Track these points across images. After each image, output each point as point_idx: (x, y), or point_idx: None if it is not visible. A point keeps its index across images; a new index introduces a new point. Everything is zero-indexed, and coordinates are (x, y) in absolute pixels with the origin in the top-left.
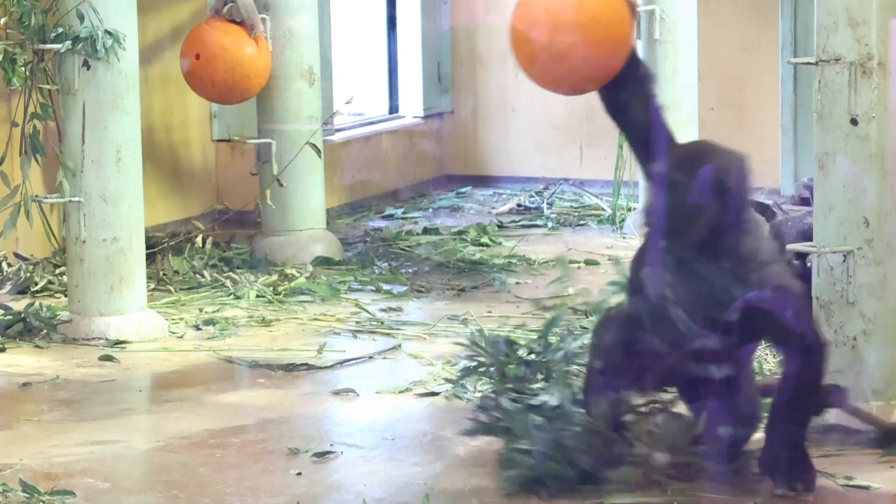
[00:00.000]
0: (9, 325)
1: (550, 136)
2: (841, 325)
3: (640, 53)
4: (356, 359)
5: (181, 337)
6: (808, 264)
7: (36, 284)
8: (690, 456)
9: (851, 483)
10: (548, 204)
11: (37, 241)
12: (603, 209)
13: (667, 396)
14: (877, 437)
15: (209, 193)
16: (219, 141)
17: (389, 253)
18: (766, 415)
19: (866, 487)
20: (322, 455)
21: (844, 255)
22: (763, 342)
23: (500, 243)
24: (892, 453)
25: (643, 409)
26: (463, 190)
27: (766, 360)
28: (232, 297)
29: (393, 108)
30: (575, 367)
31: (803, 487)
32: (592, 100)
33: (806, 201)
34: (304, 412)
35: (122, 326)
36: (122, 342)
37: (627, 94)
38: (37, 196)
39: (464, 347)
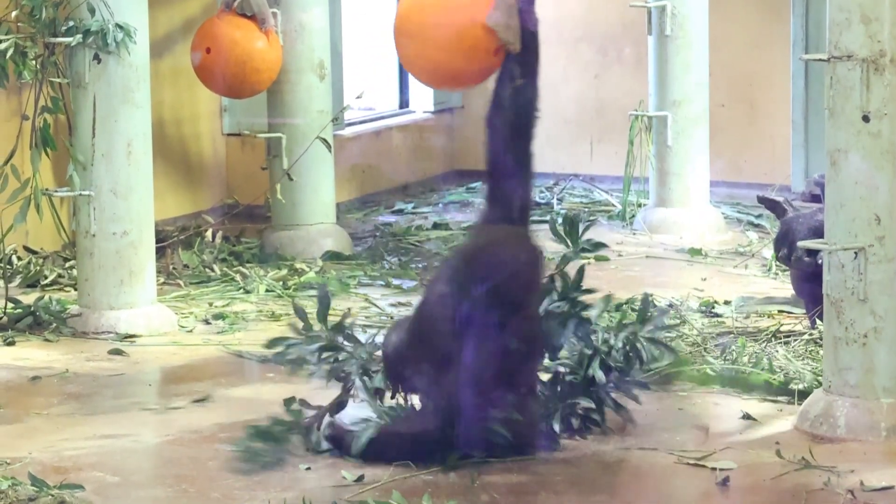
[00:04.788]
0: (18, 318)
1: (561, 131)
2: (852, 322)
3: (652, 50)
4: None
5: (191, 331)
6: (819, 261)
7: (46, 278)
8: None
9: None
10: (558, 199)
11: (47, 235)
12: (613, 205)
13: None
14: None
15: (219, 188)
16: (229, 135)
17: (399, 248)
18: None
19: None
20: (331, 450)
21: (856, 252)
22: None
23: None
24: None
25: None
26: (473, 185)
27: None
28: (242, 291)
29: (403, 103)
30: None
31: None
32: (603, 95)
33: (817, 198)
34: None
35: (132, 320)
36: (131, 336)
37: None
38: (47, 189)
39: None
